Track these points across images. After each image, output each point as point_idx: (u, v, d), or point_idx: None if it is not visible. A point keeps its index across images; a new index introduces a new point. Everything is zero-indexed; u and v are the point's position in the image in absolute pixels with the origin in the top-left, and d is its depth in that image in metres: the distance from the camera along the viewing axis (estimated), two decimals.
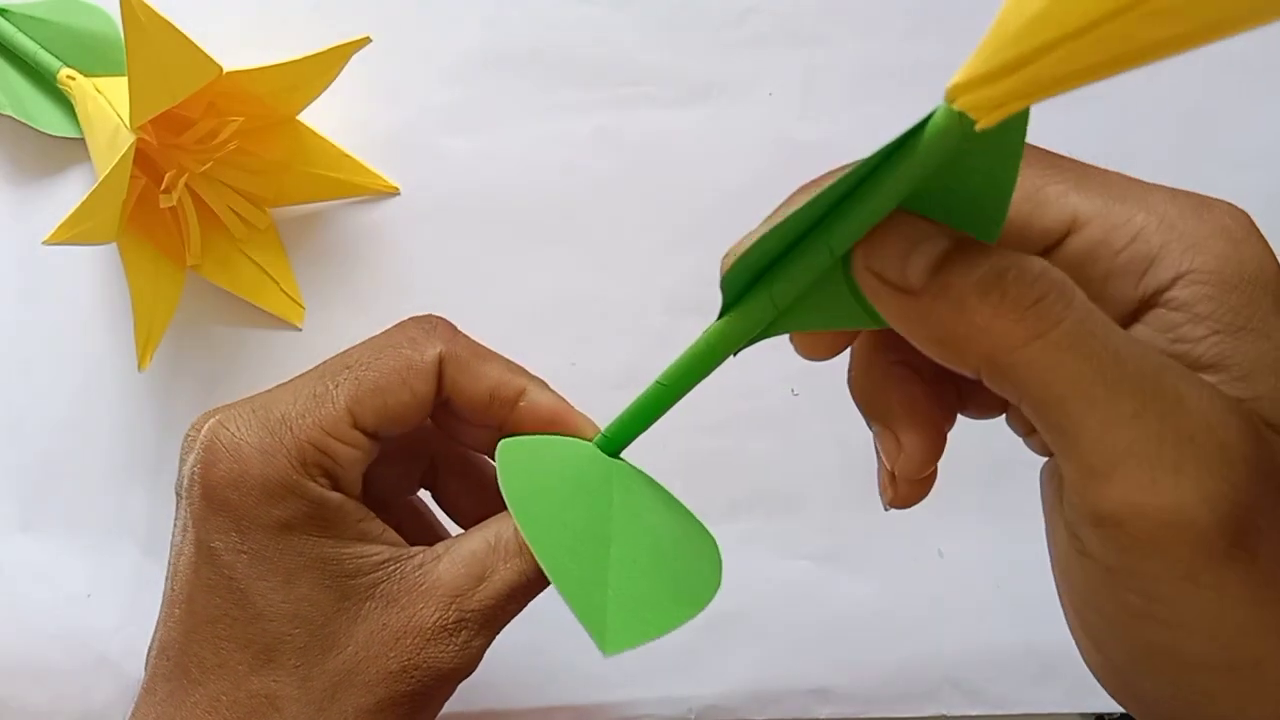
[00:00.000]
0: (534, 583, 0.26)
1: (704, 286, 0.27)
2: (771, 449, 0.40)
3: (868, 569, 0.40)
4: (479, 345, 0.28)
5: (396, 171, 0.41)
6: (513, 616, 0.26)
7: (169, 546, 0.36)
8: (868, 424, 0.24)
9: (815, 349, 0.24)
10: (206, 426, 0.25)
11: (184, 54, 0.32)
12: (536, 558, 0.22)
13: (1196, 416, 0.17)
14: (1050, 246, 0.20)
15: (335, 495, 0.25)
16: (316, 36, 0.36)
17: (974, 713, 0.39)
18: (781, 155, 0.41)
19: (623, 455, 0.27)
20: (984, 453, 0.29)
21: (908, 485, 0.23)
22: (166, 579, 0.27)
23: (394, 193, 0.41)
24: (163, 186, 0.36)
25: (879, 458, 0.24)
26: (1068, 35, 0.14)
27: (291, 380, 0.26)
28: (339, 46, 0.35)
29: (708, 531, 0.26)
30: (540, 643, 0.39)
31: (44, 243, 0.32)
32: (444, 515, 0.33)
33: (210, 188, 0.38)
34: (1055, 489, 0.20)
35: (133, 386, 0.40)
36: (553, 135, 0.41)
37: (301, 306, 0.40)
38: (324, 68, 0.36)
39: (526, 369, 0.28)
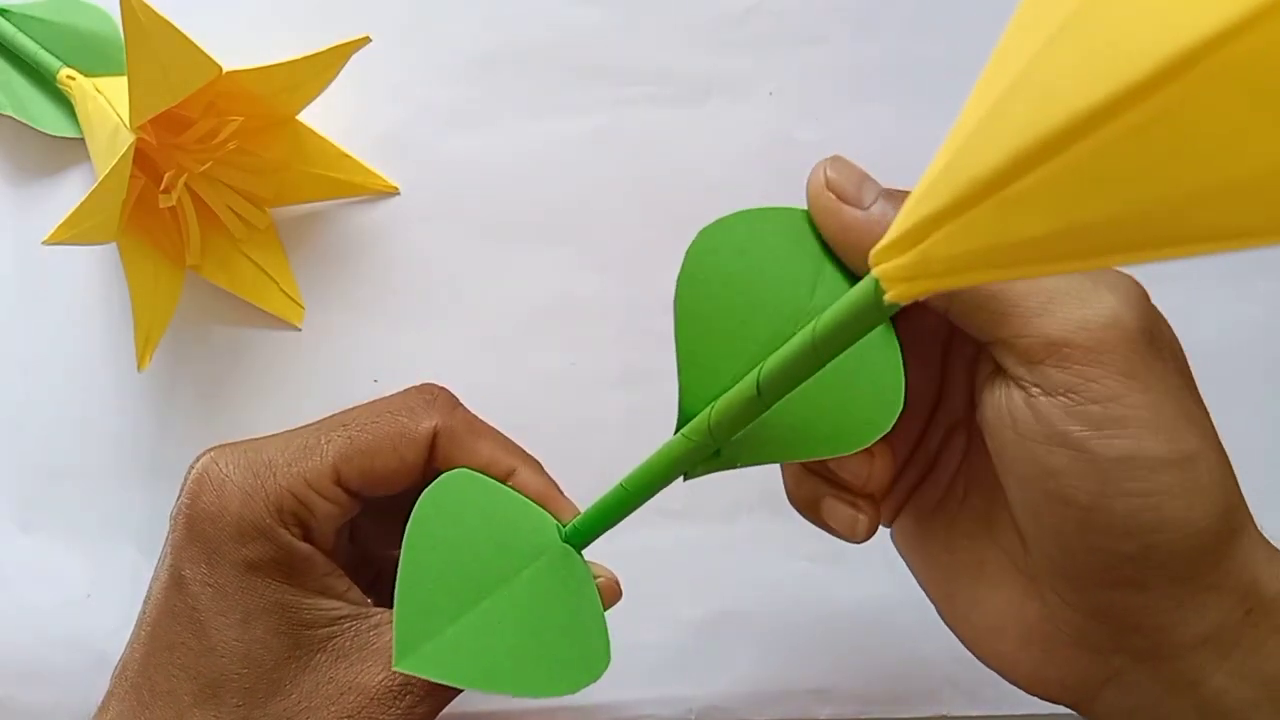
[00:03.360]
0: None
1: None
2: None
3: (868, 569, 0.40)
4: (476, 420, 0.28)
5: (396, 171, 0.41)
6: (459, 690, 0.26)
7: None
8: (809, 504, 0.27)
9: (880, 521, 0.27)
10: (201, 460, 0.26)
11: (184, 54, 0.32)
12: (400, 564, 0.22)
13: (1093, 274, 0.22)
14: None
15: (304, 546, 0.26)
16: (316, 36, 0.36)
17: (974, 713, 0.39)
18: (781, 155, 0.41)
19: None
20: None
21: (870, 503, 0.26)
22: (143, 600, 0.27)
23: (394, 193, 0.41)
24: (162, 186, 0.36)
25: (824, 507, 0.26)
26: (953, 206, 0.13)
27: (290, 430, 0.27)
28: (339, 46, 0.35)
29: (605, 648, 0.26)
30: None
31: (44, 243, 0.32)
32: None
33: (210, 188, 0.38)
34: (1000, 398, 0.23)
35: (132, 386, 0.40)
36: (553, 135, 0.41)
37: (301, 306, 0.40)
38: (324, 68, 0.36)
39: (521, 448, 0.29)
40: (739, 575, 0.40)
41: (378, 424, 0.27)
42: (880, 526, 0.27)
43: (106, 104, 0.35)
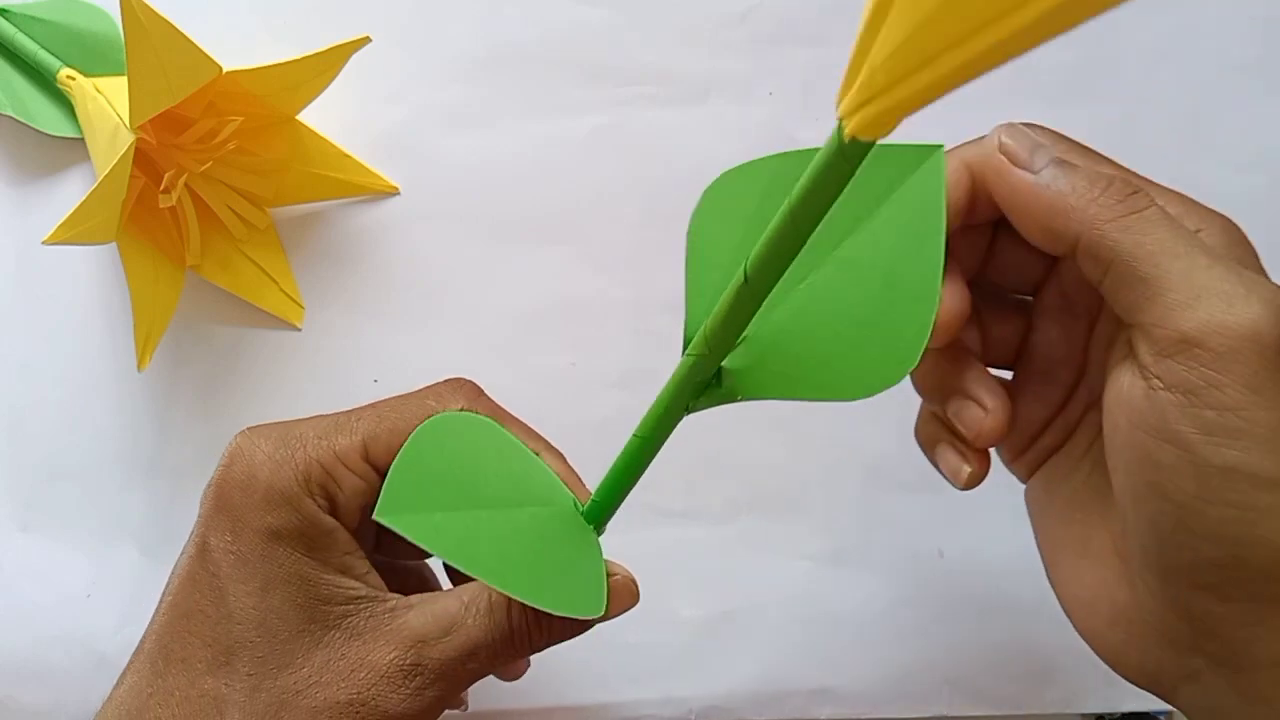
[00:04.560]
0: (499, 644, 0.26)
1: None
2: (771, 449, 0.40)
3: (868, 569, 0.40)
4: (501, 409, 0.29)
5: (396, 171, 0.41)
6: (472, 677, 0.26)
7: (170, 545, 0.36)
8: (940, 408, 0.27)
9: (1004, 433, 0.26)
10: (236, 437, 0.27)
11: (184, 54, 0.32)
12: (402, 450, 0.22)
13: (1254, 277, 0.22)
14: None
15: (329, 519, 0.26)
16: (316, 36, 0.36)
17: (974, 713, 0.39)
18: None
19: None
20: None
21: (981, 456, 0.27)
22: (169, 575, 0.28)
23: (394, 193, 0.41)
24: (162, 186, 0.36)
25: (937, 450, 0.28)
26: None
27: (322, 414, 0.28)
28: (339, 46, 0.35)
29: (599, 600, 0.25)
30: None
31: (44, 242, 0.32)
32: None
33: (210, 188, 0.38)
34: (1124, 383, 0.23)
35: (132, 386, 0.40)
36: (553, 135, 0.41)
37: (301, 306, 0.40)
38: (324, 68, 0.36)
39: (545, 438, 0.29)
40: (739, 575, 0.40)
41: (406, 406, 0.28)
42: (997, 479, 0.28)
43: (106, 104, 0.35)
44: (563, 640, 0.27)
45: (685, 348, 0.23)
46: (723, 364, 0.23)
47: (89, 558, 0.40)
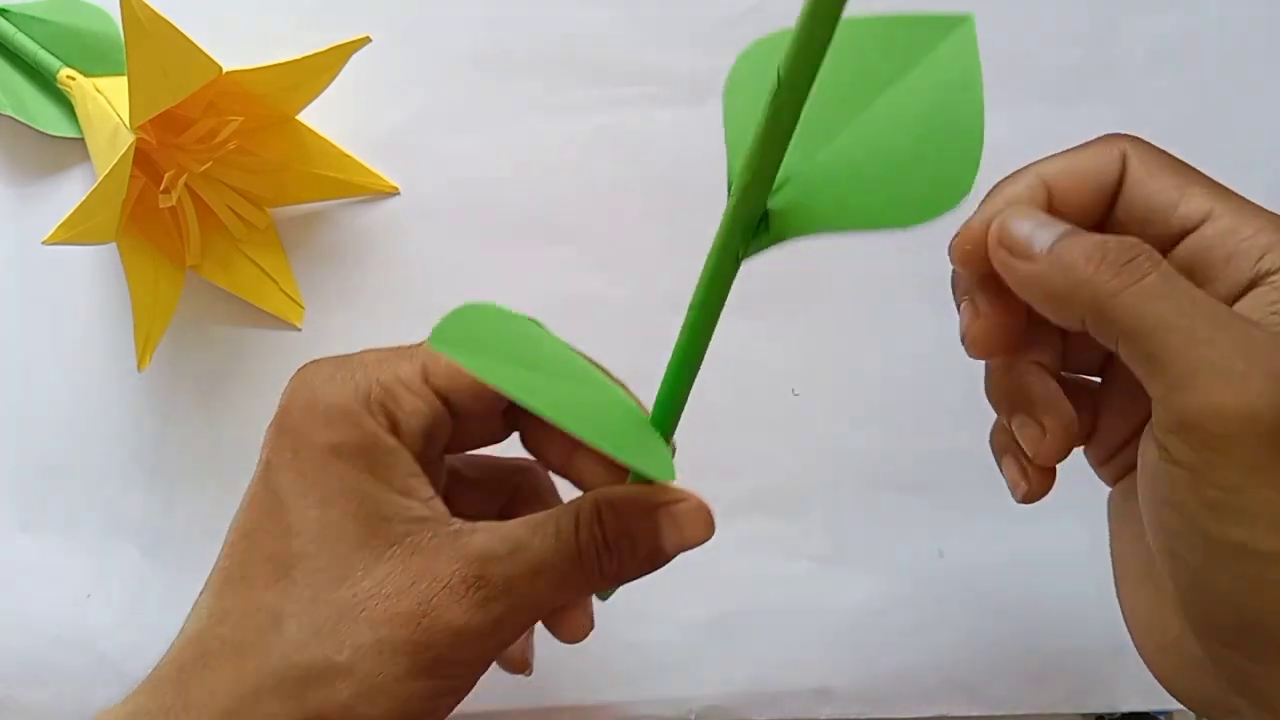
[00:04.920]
0: (567, 565, 0.25)
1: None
2: (771, 449, 0.40)
3: (868, 569, 0.40)
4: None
5: (396, 171, 0.41)
6: (538, 601, 0.25)
7: (170, 545, 0.36)
8: (1006, 420, 0.27)
9: (987, 347, 0.26)
10: (299, 369, 0.27)
11: (184, 54, 0.32)
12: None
13: (1259, 343, 0.21)
14: (1188, 230, 0.24)
15: (390, 439, 0.25)
16: (316, 36, 0.36)
17: (974, 713, 0.39)
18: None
19: None
20: (985, 453, 0.29)
21: (1041, 474, 0.27)
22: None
23: (394, 193, 0.41)
24: (162, 186, 0.36)
25: (1004, 461, 0.28)
26: None
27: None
28: (339, 46, 0.35)
29: (670, 463, 0.25)
30: (540, 643, 0.39)
31: (44, 242, 0.32)
32: None
33: (210, 188, 0.38)
34: (1147, 437, 0.23)
35: (132, 386, 0.40)
36: (553, 135, 0.41)
37: (301, 306, 0.40)
38: (324, 68, 0.36)
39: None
40: (739, 575, 0.40)
41: None
42: (996, 480, 0.28)
43: (106, 104, 0.35)
44: (632, 573, 0.26)
45: (729, 193, 0.22)
46: (769, 207, 0.22)
47: (89, 558, 0.40)
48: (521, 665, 0.31)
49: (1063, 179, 0.26)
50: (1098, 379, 0.28)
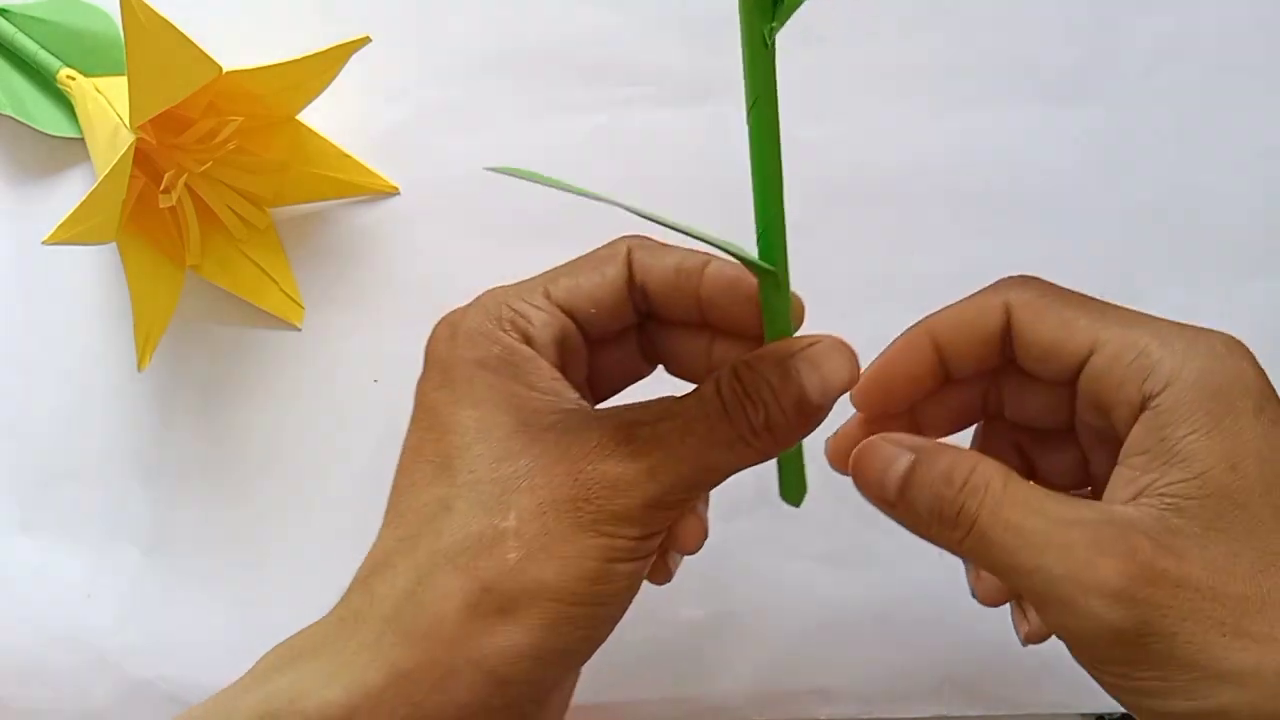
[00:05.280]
0: (714, 418, 0.25)
1: None
2: None
3: (868, 569, 0.40)
4: (664, 242, 0.29)
5: (396, 171, 0.41)
6: (689, 454, 0.25)
7: (170, 545, 0.36)
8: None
9: (992, 596, 0.30)
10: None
11: (184, 54, 0.32)
12: None
13: (1080, 554, 0.22)
14: (1080, 364, 0.25)
15: (526, 348, 0.27)
16: (316, 36, 0.36)
17: (974, 713, 0.39)
18: (781, 155, 0.41)
19: None
20: None
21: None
22: None
23: (394, 193, 0.41)
24: (162, 186, 0.36)
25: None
26: None
27: None
28: (339, 46, 0.35)
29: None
30: None
31: (44, 242, 0.32)
32: None
33: (210, 188, 0.38)
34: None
35: (132, 386, 0.40)
36: (553, 135, 0.41)
37: (301, 306, 0.40)
38: (324, 68, 0.36)
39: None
40: (739, 575, 0.40)
41: (577, 259, 0.30)
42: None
43: (106, 104, 0.35)
44: (783, 426, 0.25)
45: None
46: None
47: (89, 558, 0.40)
48: (662, 573, 0.31)
49: (948, 333, 0.27)
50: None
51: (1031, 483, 0.24)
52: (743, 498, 0.40)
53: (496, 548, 0.24)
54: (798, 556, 0.40)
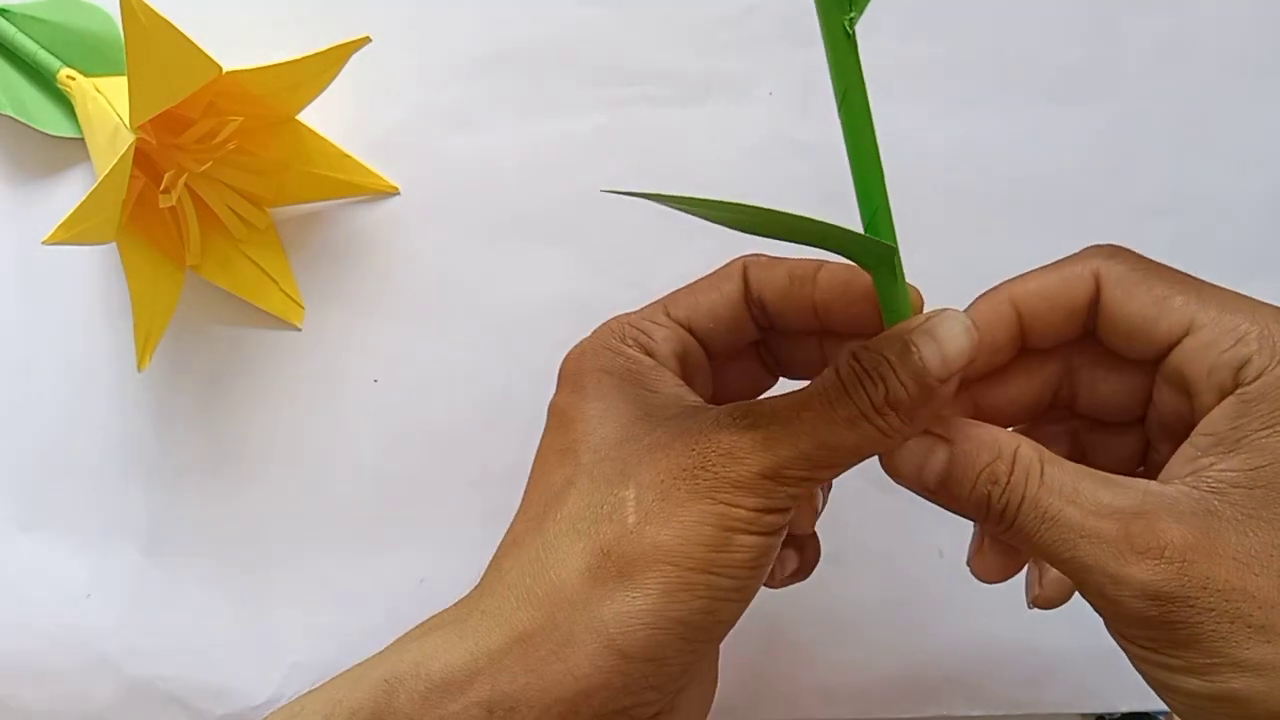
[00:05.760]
0: (833, 395, 0.24)
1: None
2: None
3: (868, 569, 0.40)
4: (777, 256, 0.30)
5: (396, 171, 0.41)
6: (806, 429, 0.24)
7: (170, 545, 0.36)
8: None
9: (990, 573, 0.30)
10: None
11: (184, 54, 0.32)
12: None
13: (1113, 538, 0.23)
14: (1171, 345, 0.25)
15: (648, 359, 0.28)
16: (316, 36, 0.36)
17: (974, 713, 0.39)
18: (781, 155, 0.41)
19: None
20: None
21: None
22: None
23: (394, 193, 0.41)
24: (162, 186, 0.36)
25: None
26: None
27: None
28: (339, 46, 0.35)
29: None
30: None
31: (44, 242, 0.32)
32: None
33: (210, 188, 0.38)
34: None
35: (132, 386, 0.40)
36: (553, 135, 0.41)
37: (301, 306, 0.40)
38: (324, 68, 0.36)
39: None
40: None
41: (696, 280, 0.30)
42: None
43: (106, 104, 0.35)
44: (906, 401, 0.24)
45: None
46: None
47: (89, 558, 0.40)
48: (811, 518, 0.32)
49: (1032, 302, 0.27)
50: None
51: (1069, 464, 0.24)
52: None
53: (616, 514, 0.24)
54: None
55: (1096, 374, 0.27)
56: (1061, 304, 0.26)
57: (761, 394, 0.31)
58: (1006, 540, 0.25)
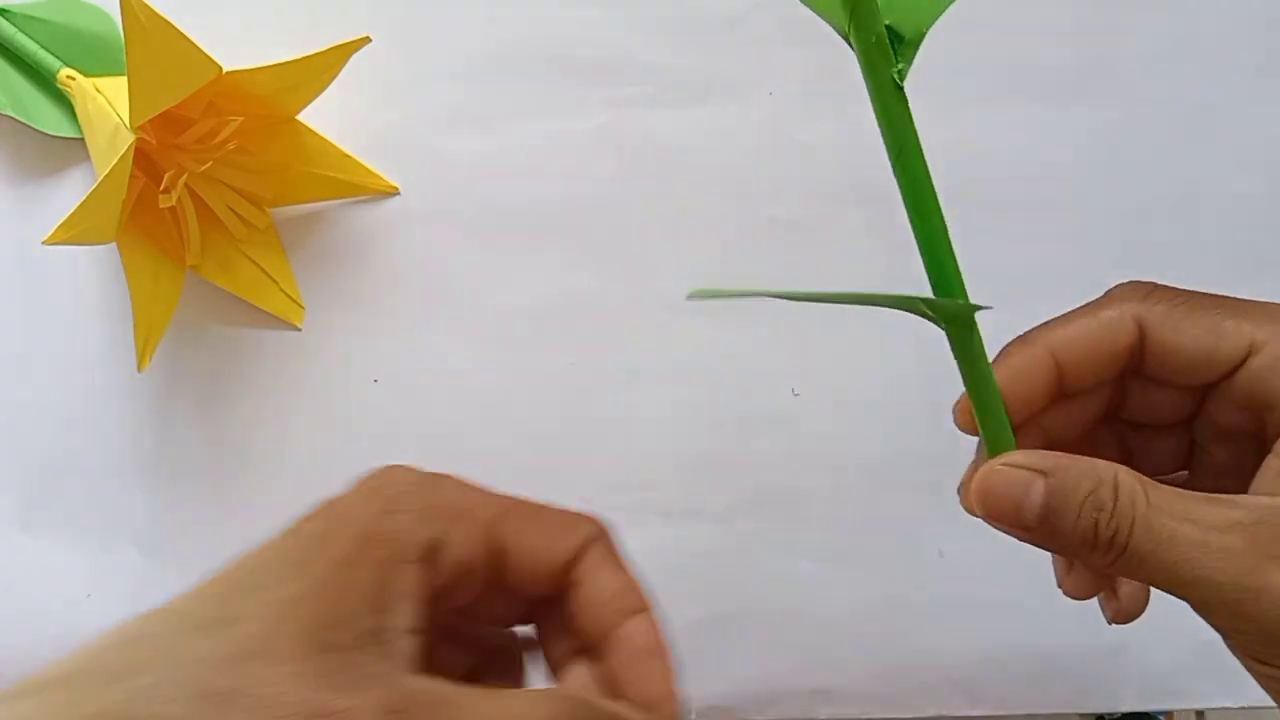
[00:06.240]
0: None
1: (704, 286, 0.27)
2: (772, 449, 0.40)
3: (868, 569, 0.40)
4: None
5: (396, 171, 0.41)
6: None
7: (170, 545, 0.36)
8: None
9: (1083, 591, 0.28)
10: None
11: (184, 54, 0.32)
12: None
13: (1239, 553, 0.22)
14: (1235, 368, 0.24)
15: (409, 569, 0.23)
16: (316, 36, 0.36)
17: (974, 713, 0.39)
18: (781, 155, 0.41)
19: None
20: None
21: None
22: None
23: (394, 193, 0.41)
24: (162, 186, 0.36)
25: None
26: None
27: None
28: (339, 46, 0.35)
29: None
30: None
31: (44, 242, 0.32)
32: None
33: (210, 188, 0.38)
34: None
35: (132, 386, 0.40)
36: (553, 135, 0.41)
37: (301, 306, 0.40)
38: (324, 68, 0.36)
39: None
40: (739, 575, 0.40)
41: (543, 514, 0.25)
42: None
43: (106, 104, 0.35)
44: None
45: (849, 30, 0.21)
46: (887, 23, 0.22)
47: (89, 558, 0.40)
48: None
49: (1071, 352, 0.26)
50: None
51: (1168, 488, 0.23)
52: (743, 498, 0.40)
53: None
54: (798, 556, 0.40)
55: (1148, 388, 0.27)
56: (1104, 352, 0.26)
57: (507, 626, 0.27)
58: (1114, 571, 0.24)
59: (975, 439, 0.28)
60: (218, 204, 0.38)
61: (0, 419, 0.40)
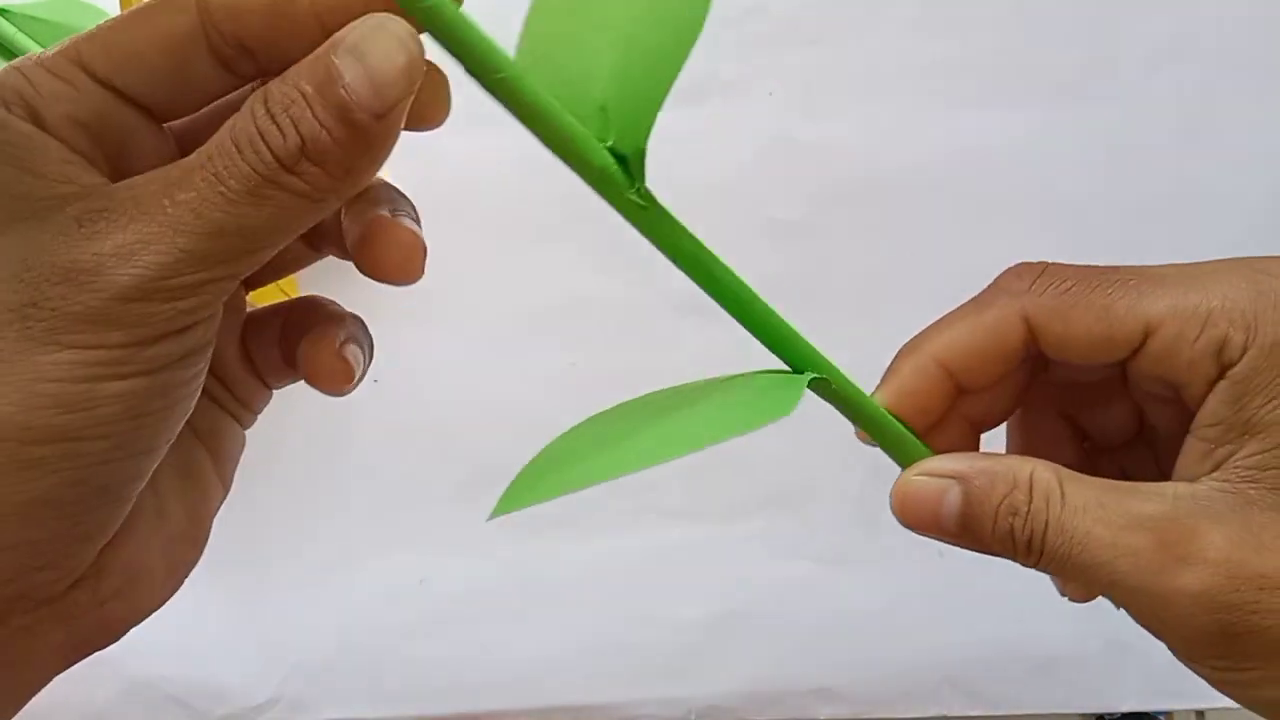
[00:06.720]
0: (224, 173, 0.19)
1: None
2: (773, 450, 0.40)
3: (868, 569, 0.40)
4: None
5: (396, 171, 0.41)
6: (193, 223, 0.19)
7: None
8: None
9: (1078, 592, 0.27)
10: None
11: None
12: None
13: (1150, 554, 0.21)
14: (1131, 350, 0.23)
15: (25, 125, 0.20)
16: None
17: (974, 713, 0.39)
18: (781, 155, 0.41)
19: None
20: None
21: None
22: None
23: None
24: None
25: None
26: None
27: None
28: None
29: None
30: (539, 643, 0.39)
31: None
32: None
33: None
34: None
35: None
36: None
37: None
38: None
39: None
40: (739, 575, 0.40)
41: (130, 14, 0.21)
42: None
43: None
44: (329, 152, 0.20)
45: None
46: (609, 147, 0.21)
47: None
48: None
49: (959, 359, 0.25)
50: None
51: (1090, 479, 0.22)
52: (743, 498, 0.40)
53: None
54: (798, 557, 0.40)
55: (1068, 369, 0.26)
56: (993, 354, 0.24)
57: (307, 264, 0.25)
58: (1044, 572, 0.23)
59: None
60: None
61: None
